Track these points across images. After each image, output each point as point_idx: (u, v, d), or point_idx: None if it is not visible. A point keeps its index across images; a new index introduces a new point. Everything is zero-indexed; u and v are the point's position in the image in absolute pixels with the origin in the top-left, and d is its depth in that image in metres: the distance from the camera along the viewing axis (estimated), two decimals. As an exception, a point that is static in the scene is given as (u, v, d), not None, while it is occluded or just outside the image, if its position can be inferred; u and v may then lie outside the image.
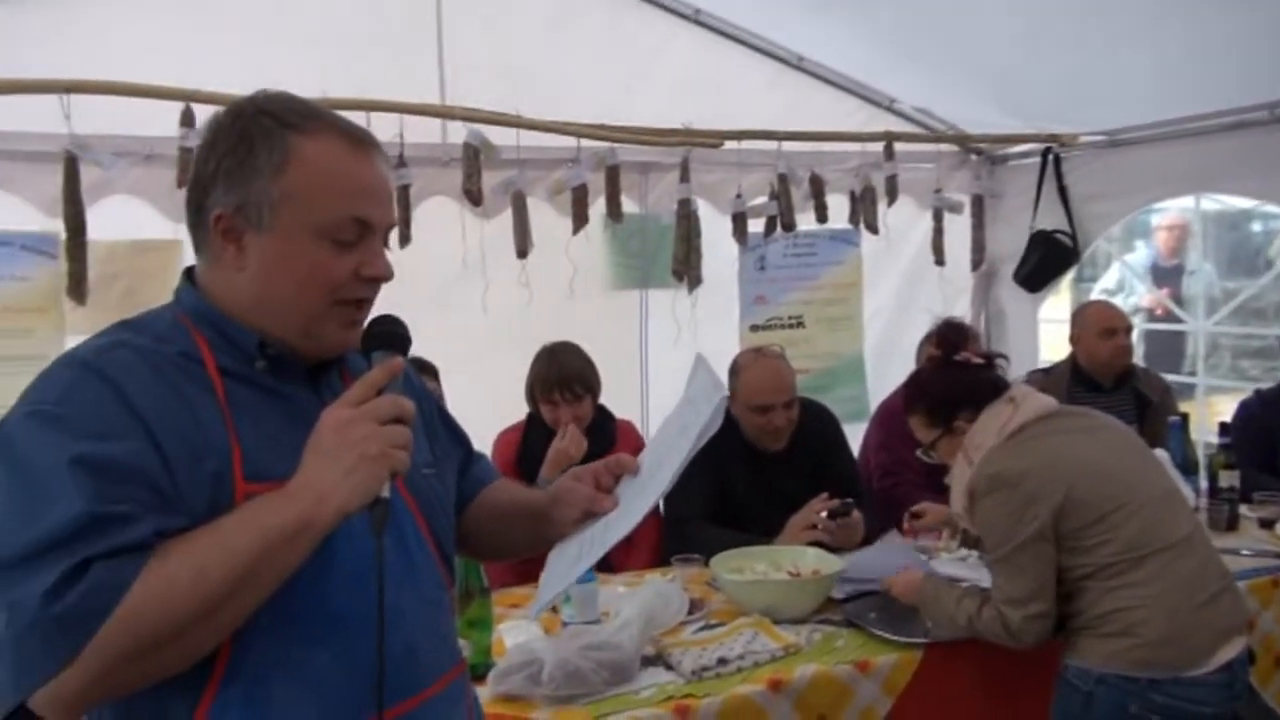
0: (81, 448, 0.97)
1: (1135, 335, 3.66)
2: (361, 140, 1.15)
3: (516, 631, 2.16)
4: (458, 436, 1.46)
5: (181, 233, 3.59)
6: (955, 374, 2.18)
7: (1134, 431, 2.33)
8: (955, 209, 4.24)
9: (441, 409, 1.45)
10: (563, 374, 2.87)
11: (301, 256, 1.10)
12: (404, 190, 3.22)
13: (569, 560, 1.28)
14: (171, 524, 0.99)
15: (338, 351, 1.17)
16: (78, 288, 2.85)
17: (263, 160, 1.09)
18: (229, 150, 1.10)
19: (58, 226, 3.00)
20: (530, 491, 1.48)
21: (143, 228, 3.26)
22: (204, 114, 3.02)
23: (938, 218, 4.17)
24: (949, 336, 2.26)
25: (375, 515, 1.02)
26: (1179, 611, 1.89)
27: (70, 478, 0.95)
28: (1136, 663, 1.88)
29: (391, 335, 1.12)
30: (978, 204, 4.36)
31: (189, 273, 1.18)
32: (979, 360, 2.20)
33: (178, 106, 2.97)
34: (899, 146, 4.04)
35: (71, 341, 3.10)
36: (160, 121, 3.02)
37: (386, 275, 1.14)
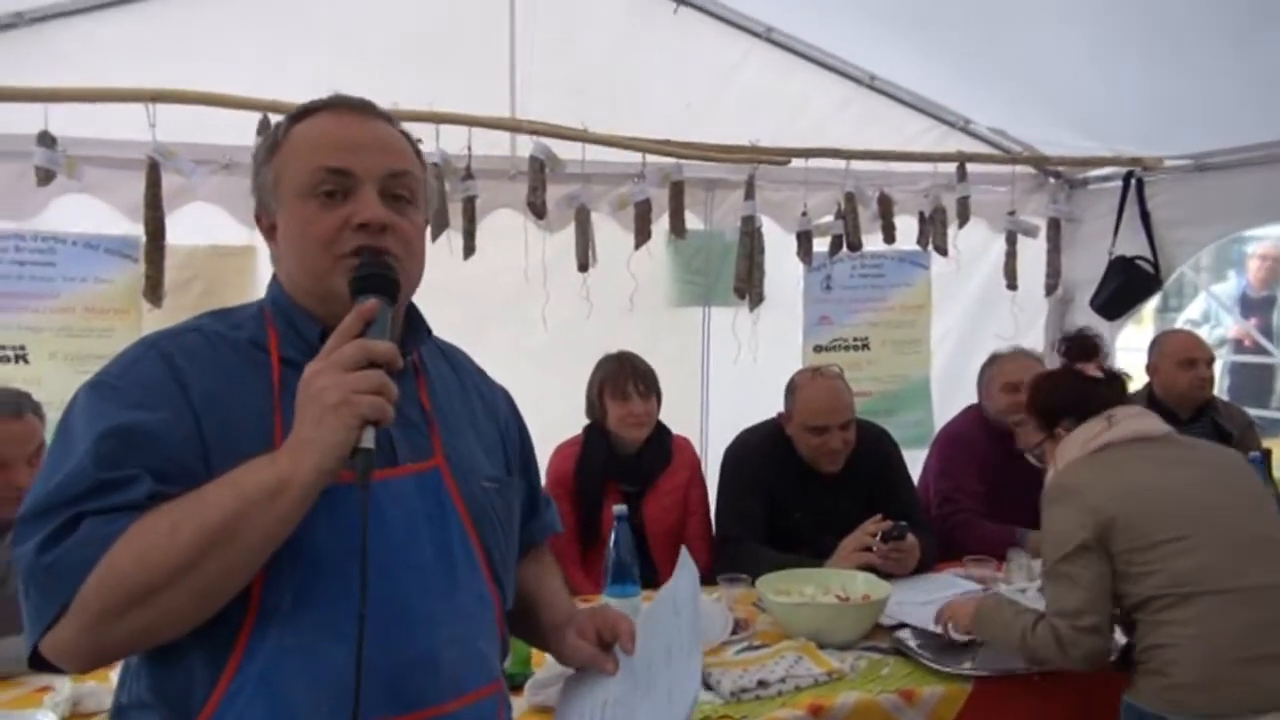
0: (117, 416, 1.04)
1: (1220, 367, 3.51)
2: (350, 105, 1.19)
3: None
4: (530, 473, 1.44)
5: (256, 239, 3.70)
6: (1069, 382, 2.21)
7: (1256, 476, 2.23)
8: (1030, 233, 4.13)
9: (527, 439, 1.43)
10: (636, 368, 2.88)
11: (296, 221, 1.15)
12: (470, 202, 3.27)
13: None
14: (176, 491, 1.02)
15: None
16: (154, 291, 2.95)
17: (262, 155, 1.20)
18: (253, 159, 1.23)
19: (138, 230, 3.12)
20: (556, 593, 1.43)
21: (220, 234, 3.37)
22: (281, 124, 3.15)
23: (1011, 241, 4.06)
24: (1076, 345, 2.30)
25: (358, 465, 0.99)
26: (1220, 660, 1.81)
27: (93, 443, 1.02)
28: (1170, 704, 1.84)
29: (374, 278, 1.10)
30: (1054, 228, 4.23)
31: None
32: (1099, 374, 2.21)
33: (256, 116, 3.07)
34: (972, 168, 3.95)
35: (149, 343, 3.27)
36: (239, 131, 3.11)
37: (375, 220, 1.12)
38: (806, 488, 2.80)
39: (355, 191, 1.13)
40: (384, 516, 1.10)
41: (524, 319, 3.38)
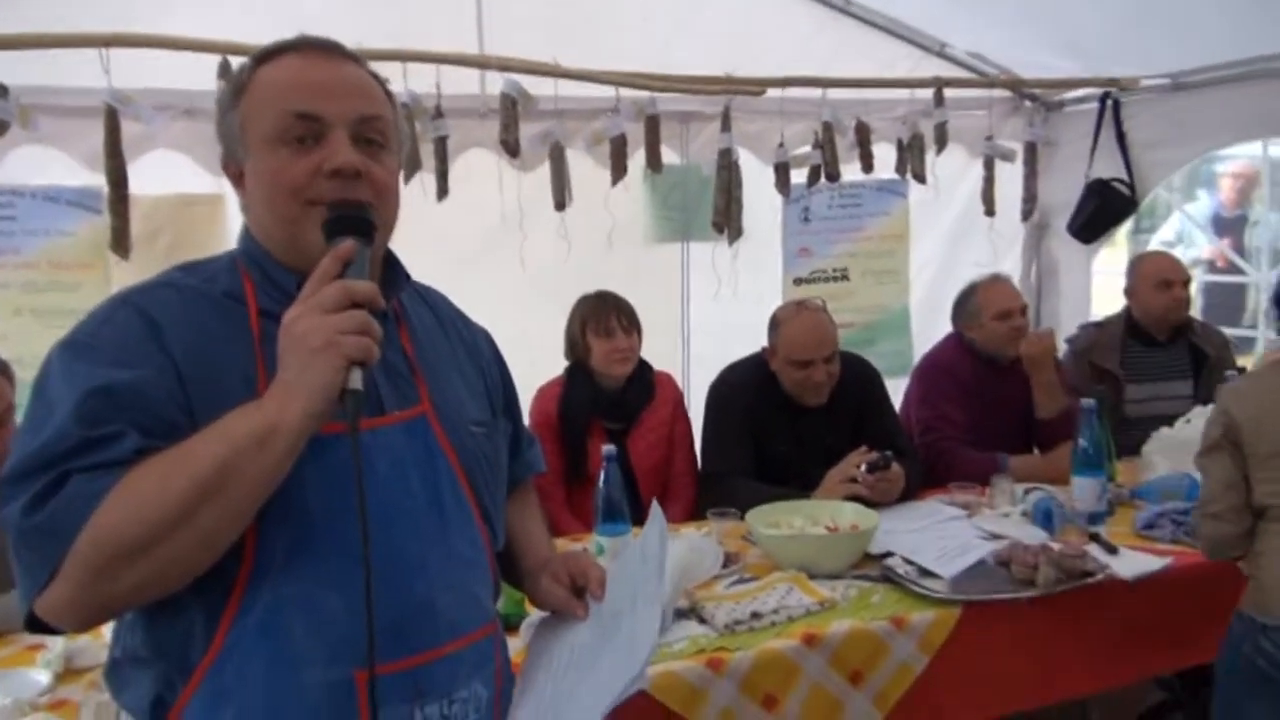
0: (96, 374, 1.02)
1: (1194, 288, 3.53)
2: (317, 47, 1.15)
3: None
4: (513, 412, 1.45)
5: (224, 186, 3.61)
6: None
7: None
8: (1008, 157, 4.11)
9: (509, 379, 1.43)
10: (617, 303, 2.87)
11: (265, 168, 1.11)
12: (441, 142, 3.20)
13: (543, 678, 1.26)
14: (160, 445, 1.00)
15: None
16: (121, 242, 2.88)
17: (227, 100, 1.15)
18: (217, 104, 1.18)
19: (100, 181, 3.03)
20: (532, 533, 1.45)
21: (185, 182, 3.28)
22: (242, 66, 3.05)
23: (989, 166, 4.04)
24: None
25: (347, 407, 0.97)
26: None
27: (74, 402, 1.00)
28: (1255, 605, 2.02)
29: (348, 219, 1.08)
30: (1031, 152, 4.22)
31: None
32: None
33: (215, 59, 2.97)
34: (949, 93, 3.90)
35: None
36: (199, 75, 3.02)
37: (349, 166, 1.09)
38: (791, 421, 2.81)
39: (326, 137, 1.10)
40: (374, 466, 1.10)
41: (502, 260, 3.33)
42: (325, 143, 1.10)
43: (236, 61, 2.95)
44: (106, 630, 1.95)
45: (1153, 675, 2.59)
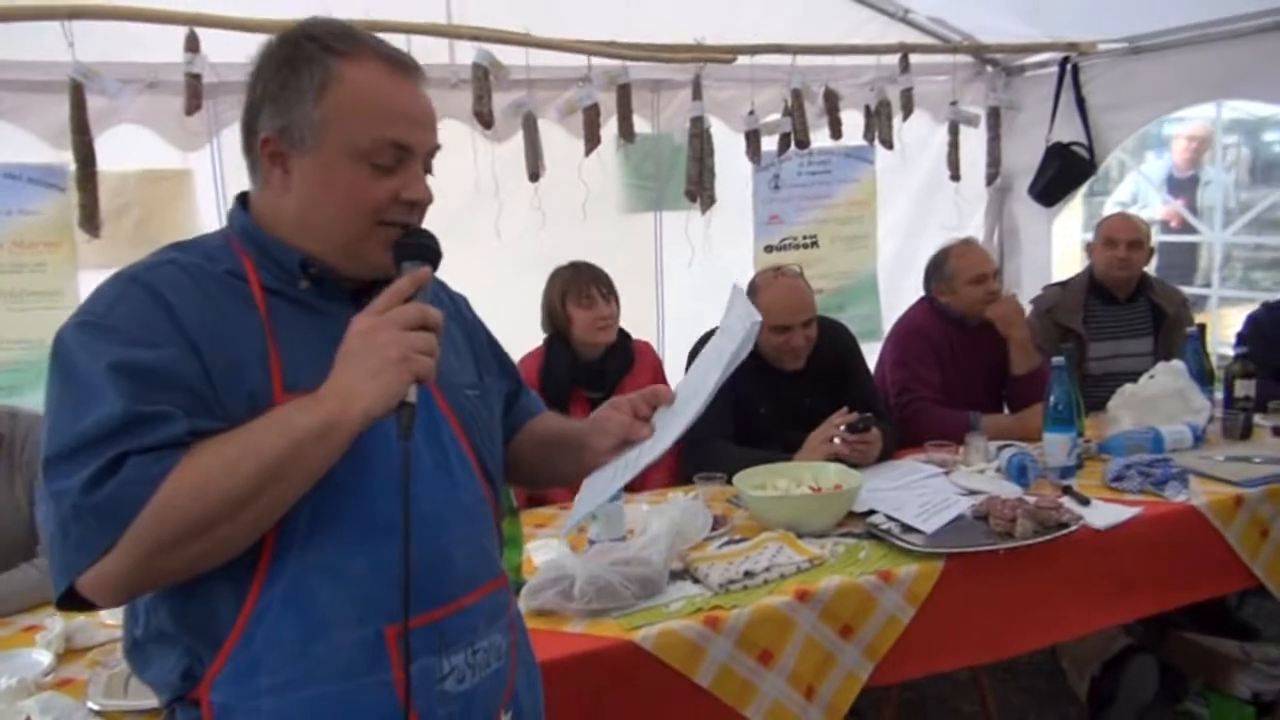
0: (123, 353, 1.03)
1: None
2: (403, 64, 1.16)
3: (544, 550, 2.20)
4: (507, 369, 1.48)
5: (191, 161, 3.57)
6: None
7: None
8: (971, 122, 4.17)
9: (493, 341, 1.47)
10: (595, 272, 2.89)
11: (341, 179, 1.12)
12: (413, 113, 3.17)
13: (604, 481, 1.31)
14: (208, 426, 1.04)
15: (380, 273, 1.16)
16: (90, 220, 2.84)
17: (305, 83, 1.12)
18: (274, 74, 1.14)
19: (64, 158, 2.97)
20: (571, 422, 1.50)
21: (151, 157, 3.23)
22: (208, 38, 2.99)
23: (953, 131, 4.11)
24: None
25: (401, 419, 1.04)
26: None
27: (111, 380, 1.01)
28: None
29: (421, 247, 1.14)
30: (994, 116, 4.29)
31: (242, 197, 1.22)
32: None
33: (181, 31, 2.92)
34: (913, 59, 3.95)
35: (85, 276, 3.15)
36: (164, 47, 2.97)
37: (427, 199, 1.16)
38: (770, 385, 2.85)
39: (406, 165, 1.14)
40: (386, 432, 1.10)
41: (477, 231, 3.33)
42: (404, 169, 1.14)
43: (205, 33, 2.91)
44: (103, 613, 1.97)
45: (1124, 621, 2.69)
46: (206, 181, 3.23)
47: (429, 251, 1.14)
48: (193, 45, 2.89)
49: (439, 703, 1.16)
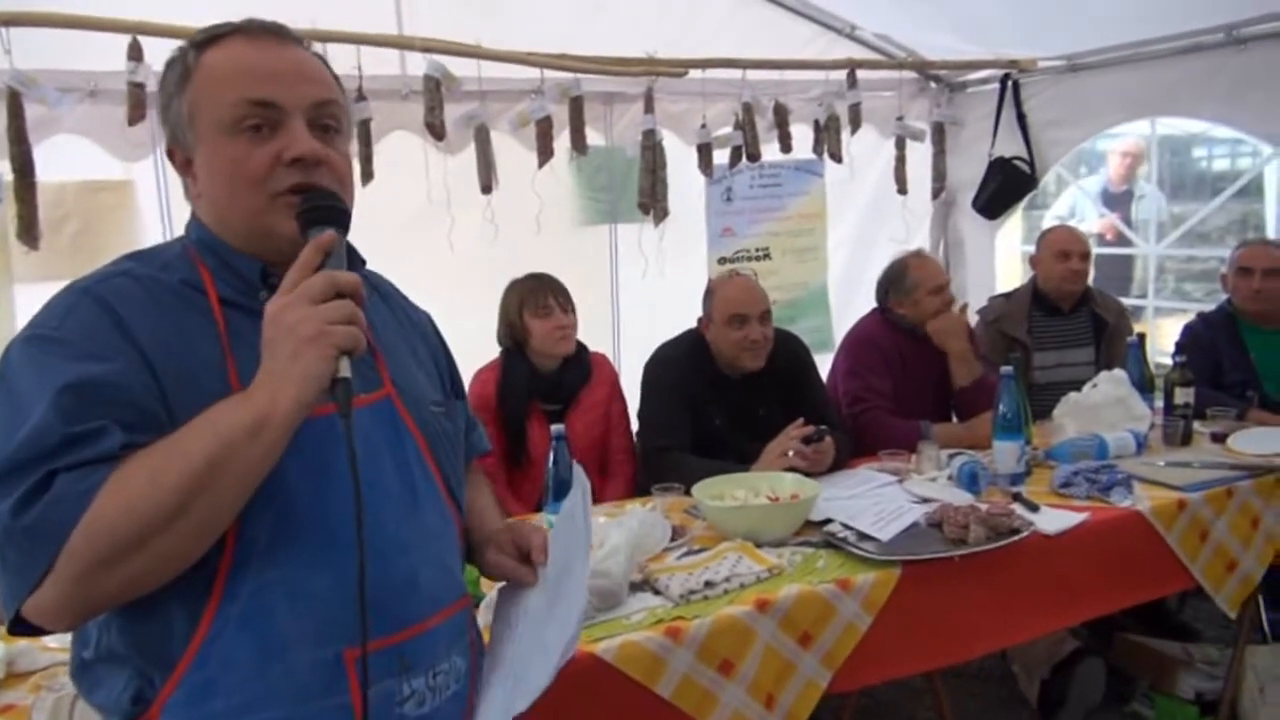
0: (66, 369, 1.00)
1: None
2: (265, 30, 1.14)
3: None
4: (460, 393, 1.46)
5: (134, 172, 3.48)
6: None
7: None
8: (917, 137, 4.26)
9: (453, 364, 1.44)
10: (552, 283, 2.89)
11: (220, 158, 1.10)
12: (364, 125, 3.15)
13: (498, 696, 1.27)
14: (148, 440, 0.99)
15: (295, 243, 1.09)
16: (29, 231, 2.75)
17: (171, 84, 1.13)
18: (161, 87, 1.15)
19: (1, 168, 2.88)
20: (485, 512, 1.46)
21: (91, 168, 3.15)
22: (151, 47, 2.93)
23: (900, 146, 4.19)
24: None
25: (337, 396, 0.99)
26: None
27: (49, 398, 0.98)
28: None
29: (323, 210, 1.08)
30: (938, 132, 4.38)
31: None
32: None
33: (122, 40, 2.85)
34: (860, 74, 4.02)
35: (20, 290, 3.05)
36: (103, 55, 2.89)
37: (312, 154, 1.09)
38: (726, 394, 2.87)
39: (283, 124, 1.09)
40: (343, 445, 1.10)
41: (429, 244, 3.30)
42: (283, 130, 1.09)
43: (148, 42, 2.85)
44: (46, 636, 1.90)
45: (1073, 623, 2.75)
46: (149, 193, 3.16)
47: (333, 213, 1.08)
48: (136, 54, 2.83)
49: None
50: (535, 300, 2.84)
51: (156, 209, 3.13)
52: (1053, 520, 2.34)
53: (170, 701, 1.05)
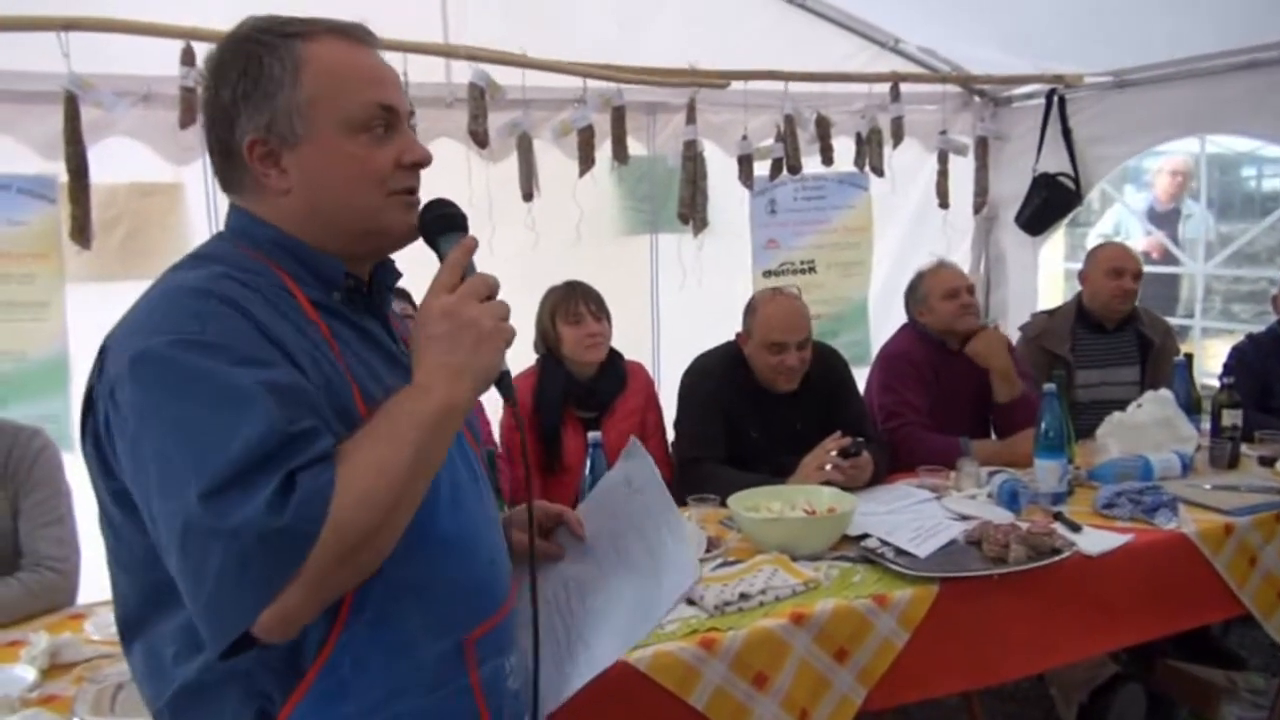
0: (248, 372, 0.97)
1: (1137, 279, 3.63)
2: (358, 32, 1.15)
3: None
4: None
5: (183, 175, 3.55)
6: None
7: None
8: (960, 151, 4.22)
9: None
10: (585, 290, 2.91)
11: (343, 155, 1.09)
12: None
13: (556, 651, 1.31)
14: (338, 439, 1.00)
15: (405, 239, 1.16)
16: (82, 232, 2.81)
17: (278, 72, 1.08)
18: (240, 76, 1.08)
19: (54, 169, 2.95)
20: None
21: (141, 170, 3.21)
22: (205, 52, 2.98)
23: (942, 160, 4.16)
24: None
25: (504, 387, 1.08)
26: None
27: (258, 400, 0.95)
28: None
29: (450, 217, 1.15)
30: (982, 146, 4.34)
31: (237, 210, 1.15)
32: None
33: (176, 45, 2.91)
34: (903, 88, 4.00)
35: (72, 288, 3.12)
36: (158, 60, 2.95)
37: (427, 159, 1.15)
38: (763, 408, 2.86)
39: (397, 128, 1.13)
40: None
41: (470, 251, 3.32)
42: (397, 134, 1.12)
43: (201, 47, 2.90)
44: (88, 625, 1.94)
45: (1114, 648, 2.69)
46: (198, 195, 3.22)
47: (460, 219, 1.15)
48: (189, 59, 2.89)
49: (505, 701, 1.19)
50: (567, 307, 2.86)
51: (204, 211, 3.19)
52: (1095, 541, 2.30)
53: (297, 710, 1.03)
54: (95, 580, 1.60)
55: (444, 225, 1.13)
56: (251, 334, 1.00)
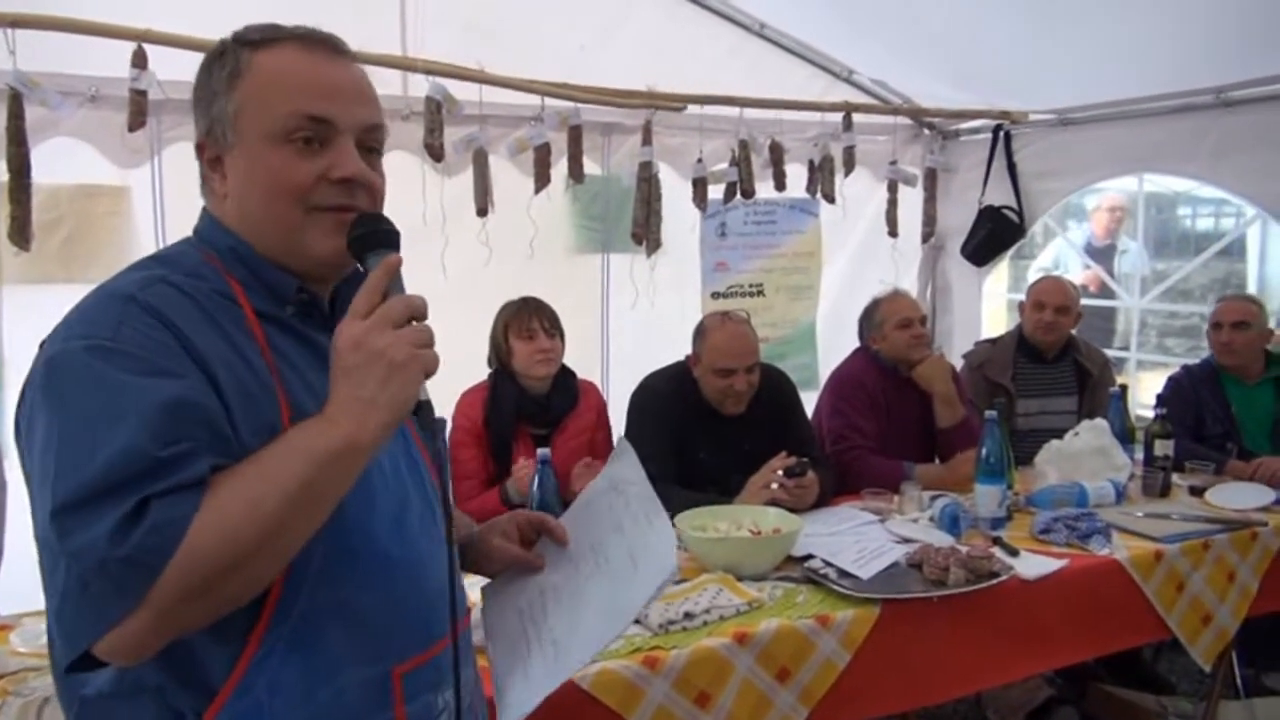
0: (144, 385, 0.94)
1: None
2: (324, 42, 1.11)
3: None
4: None
5: (130, 179, 3.47)
6: None
7: None
8: (910, 181, 4.31)
9: None
10: (539, 306, 2.91)
11: (263, 164, 1.07)
12: (363, 143, 3.16)
13: (522, 651, 1.28)
14: (225, 464, 0.96)
15: (333, 263, 1.10)
16: (21, 233, 2.73)
17: (218, 79, 1.09)
18: (199, 82, 1.12)
19: (-3, 168, 2.88)
20: (461, 515, 1.46)
21: (86, 172, 3.14)
22: (156, 54, 2.94)
23: (892, 189, 4.24)
24: None
25: (422, 418, 1.00)
26: None
27: (134, 419, 0.92)
28: None
29: (381, 234, 1.07)
30: (930, 177, 4.44)
31: (202, 212, 1.15)
32: None
33: (127, 47, 2.86)
34: (856, 118, 4.08)
35: (8, 290, 3.03)
36: (108, 62, 2.90)
37: (360, 177, 1.08)
38: (712, 428, 2.88)
39: (333, 142, 1.07)
40: (381, 465, 1.11)
41: (422, 264, 3.29)
42: (332, 148, 1.07)
43: (153, 50, 2.86)
44: (14, 637, 1.88)
45: (1049, 669, 2.75)
46: (145, 200, 3.15)
47: (389, 236, 1.07)
48: (140, 61, 2.84)
49: None
50: (520, 322, 2.86)
51: (151, 216, 3.12)
52: (1032, 565, 2.36)
53: None
54: (23, 590, 1.55)
55: (371, 242, 1.06)
56: (165, 344, 0.98)
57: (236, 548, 0.92)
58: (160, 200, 3.12)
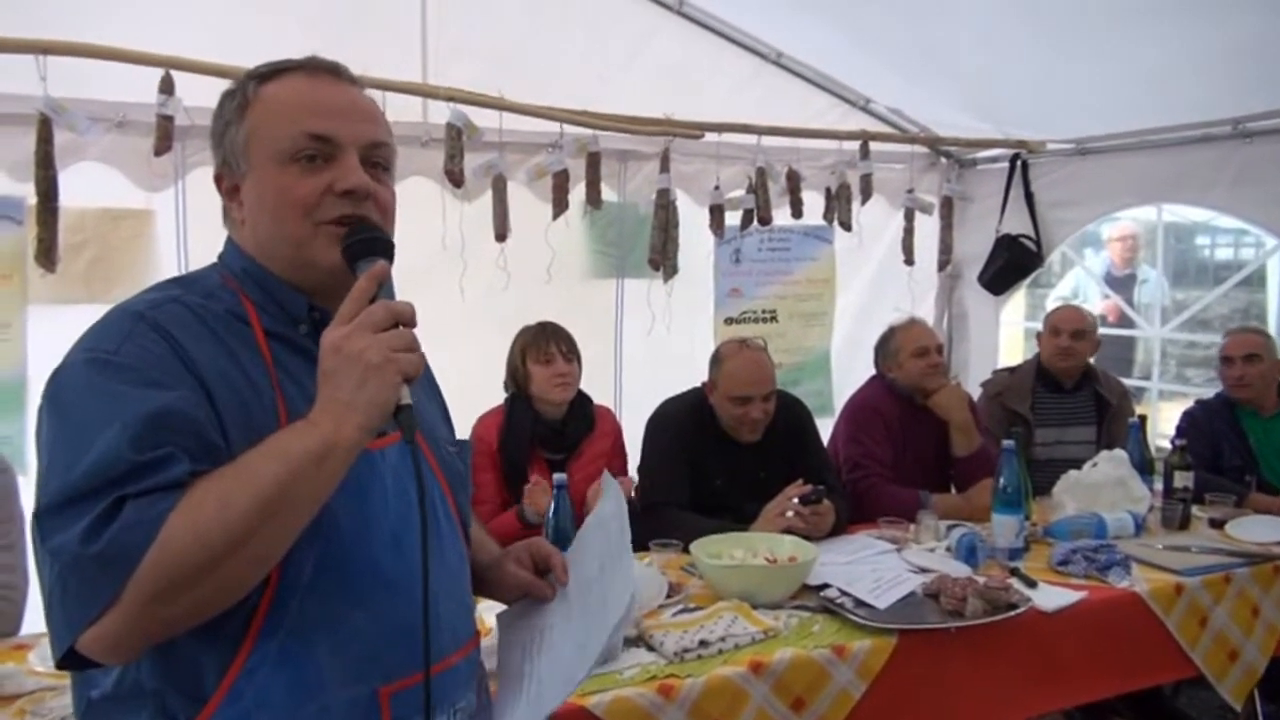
0: (133, 395, 0.98)
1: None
2: (326, 68, 1.17)
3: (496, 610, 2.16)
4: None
5: (155, 203, 3.52)
6: None
7: None
8: (926, 209, 4.32)
9: (446, 406, 1.44)
10: (557, 331, 2.92)
11: (272, 185, 1.12)
12: (384, 168, 3.19)
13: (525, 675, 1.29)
14: (207, 469, 0.98)
15: (341, 275, 1.11)
16: (48, 255, 2.78)
17: (229, 111, 1.16)
18: (215, 116, 1.18)
19: (23, 190, 2.92)
20: (483, 539, 1.46)
21: (112, 196, 3.19)
22: (183, 81, 2.99)
23: (909, 218, 4.24)
24: None
25: (401, 422, 1.00)
26: None
27: (117, 426, 0.96)
28: None
29: (370, 242, 1.09)
30: (947, 206, 4.44)
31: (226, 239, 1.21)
32: None
33: (154, 73, 2.91)
34: (873, 146, 4.10)
35: (35, 310, 3.08)
36: (133, 87, 2.95)
37: (363, 188, 1.11)
38: (727, 455, 2.87)
39: (337, 158, 1.12)
40: (383, 483, 1.12)
41: (441, 288, 3.33)
42: (336, 163, 1.11)
43: (180, 76, 2.91)
44: (33, 657, 1.89)
45: (1067, 705, 2.71)
46: (168, 224, 3.20)
47: (379, 244, 1.10)
48: (167, 87, 2.89)
49: None
50: (538, 346, 2.87)
51: (174, 240, 3.17)
52: (1050, 597, 2.33)
53: None
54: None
55: (361, 250, 1.08)
56: (163, 358, 1.03)
57: (208, 547, 0.94)
58: (183, 223, 3.16)
